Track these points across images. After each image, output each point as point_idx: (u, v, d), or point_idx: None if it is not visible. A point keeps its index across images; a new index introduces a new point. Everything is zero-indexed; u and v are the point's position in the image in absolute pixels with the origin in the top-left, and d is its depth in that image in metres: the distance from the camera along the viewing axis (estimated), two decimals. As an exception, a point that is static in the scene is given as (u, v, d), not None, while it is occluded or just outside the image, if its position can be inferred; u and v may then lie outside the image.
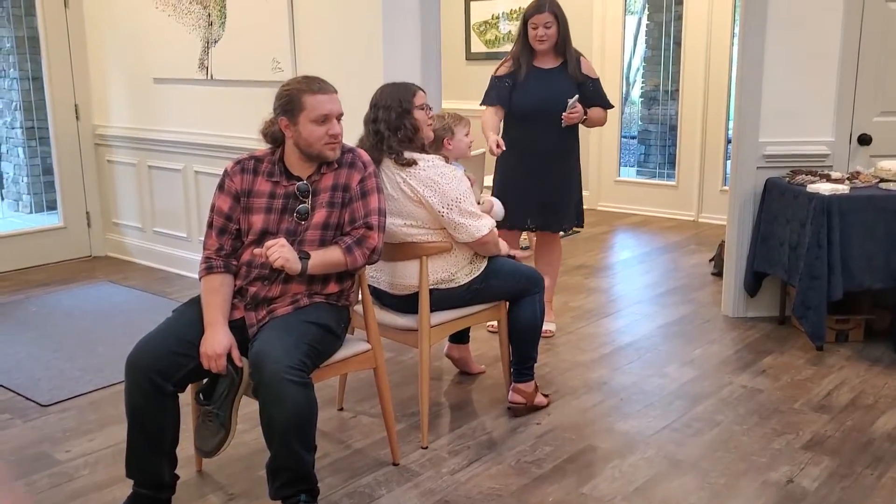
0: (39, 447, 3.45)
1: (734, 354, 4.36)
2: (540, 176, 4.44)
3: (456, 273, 3.40)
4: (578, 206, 4.69)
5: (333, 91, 2.93)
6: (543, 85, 4.37)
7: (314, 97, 2.87)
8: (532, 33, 4.32)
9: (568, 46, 4.38)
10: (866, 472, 3.15)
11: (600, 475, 3.15)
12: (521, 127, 4.42)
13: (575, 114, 4.30)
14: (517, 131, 4.44)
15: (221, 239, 2.93)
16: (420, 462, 3.27)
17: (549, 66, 4.41)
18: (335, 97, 2.93)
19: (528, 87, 4.38)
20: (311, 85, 2.90)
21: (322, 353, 2.85)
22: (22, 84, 6.82)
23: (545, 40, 4.31)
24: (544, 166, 4.43)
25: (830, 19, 4.57)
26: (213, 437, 2.75)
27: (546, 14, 4.27)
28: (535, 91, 4.36)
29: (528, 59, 4.39)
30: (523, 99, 4.38)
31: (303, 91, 2.89)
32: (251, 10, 5.11)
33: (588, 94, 4.42)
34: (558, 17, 4.30)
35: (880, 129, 4.74)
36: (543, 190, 4.46)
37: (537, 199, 4.48)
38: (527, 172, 4.44)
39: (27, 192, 7.39)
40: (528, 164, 4.43)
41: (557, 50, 4.39)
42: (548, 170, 4.44)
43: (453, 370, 4.18)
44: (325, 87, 2.92)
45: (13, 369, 4.28)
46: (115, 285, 5.82)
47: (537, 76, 4.39)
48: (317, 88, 2.89)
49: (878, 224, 4.22)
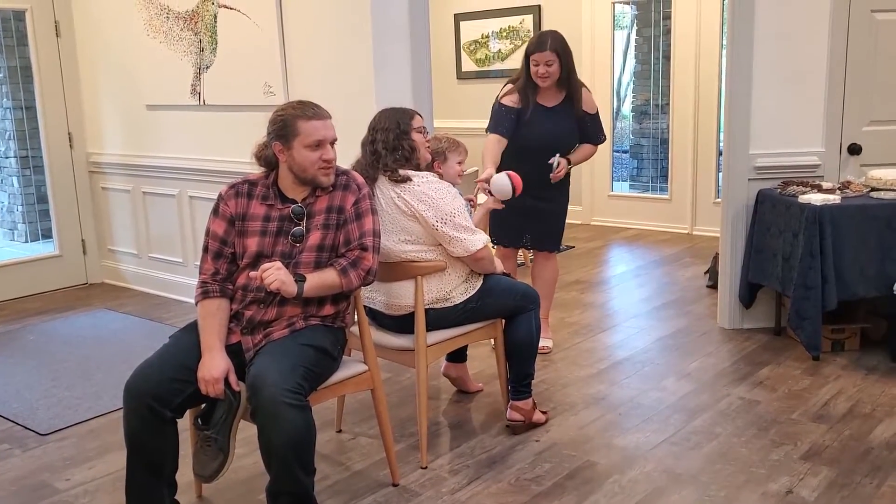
0: (39, 476, 3.44)
1: (731, 366, 4.37)
2: (535, 204, 4.41)
3: (451, 292, 3.41)
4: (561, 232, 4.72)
5: (327, 116, 2.95)
6: (546, 125, 4.33)
7: (309, 123, 2.89)
8: (534, 69, 4.25)
9: (572, 82, 4.31)
10: (865, 480, 3.16)
11: (600, 491, 3.15)
12: (519, 159, 4.31)
13: (560, 171, 4.32)
14: (515, 162, 4.31)
15: (217, 263, 2.94)
16: (420, 482, 3.27)
17: (552, 103, 4.36)
18: (329, 123, 2.94)
19: (531, 125, 4.32)
20: (306, 111, 2.91)
21: (319, 376, 2.85)
22: (15, 113, 6.84)
23: (547, 77, 4.24)
24: (540, 196, 4.40)
25: (817, 30, 4.61)
26: (212, 461, 2.75)
27: (547, 53, 4.19)
28: (538, 130, 4.32)
29: (532, 94, 4.32)
30: (526, 136, 4.32)
31: (297, 116, 2.90)
32: (242, 35, 5.14)
33: (585, 130, 4.42)
34: (560, 54, 4.21)
35: (870, 139, 4.77)
36: (538, 216, 4.47)
37: (531, 223, 4.50)
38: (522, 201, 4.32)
39: (22, 220, 7.39)
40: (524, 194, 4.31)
41: (561, 84, 4.32)
42: (543, 199, 4.42)
43: (451, 389, 4.18)
44: (320, 112, 2.93)
45: (11, 399, 4.28)
46: (112, 312, 5.82)
47: (541, 115, 4.34)
48: (311, 114, 2.91)
49: (870, 233, 4.25)
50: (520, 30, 8.40)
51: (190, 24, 5.43)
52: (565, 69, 4.26)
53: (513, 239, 4.62)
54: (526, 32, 8.35)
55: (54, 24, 6.22)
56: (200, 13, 5.35)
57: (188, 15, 5.43)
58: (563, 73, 4.26)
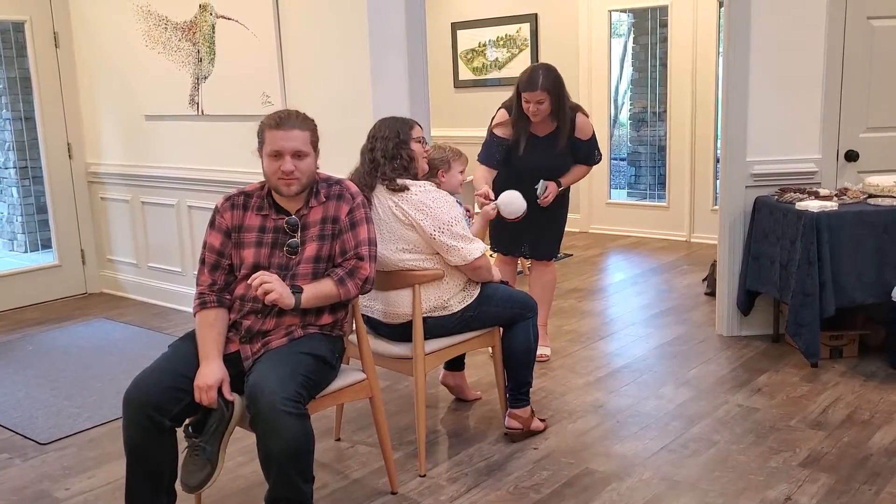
0: (39, 486, 3.44)
1: (729, 373, 4.38)
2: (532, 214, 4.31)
3: (449, 300, 3.42)
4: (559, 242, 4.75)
5: (295, 127, 2.88)
6: (539, 154, 4.37)
7: (271, 132, 2.88)
8: (525, 106, 4.26)
9: (563, 114, 4.31)
10: (864, 487, 3.16)
11: (598, 499, 3.15)
12: (514, 184, 4.24)
13: (549, 196, 4.34)
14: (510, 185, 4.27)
15: (214, 274, 2.95)
16: (418, 490, 3.27)
17: (545, 132, 4.38)
18: (293, 134, 2.87)
19: (525, 155, 4.37)
20: (273, 119, 2.90)
21: (317, 384, 2.86)
22: (15, 124, 6.85)
23: (538, 114, 4.26)
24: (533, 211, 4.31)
25: (813, 37, 4.63)
26: (199, 471, 2.72)
27: (538, 93, 4.19)
28: (532, 159, 4.36)
29: (525, 126, 4.35)
30: (519, 165, 4.37)
31: (266, 125, 2.91)
32: (240, 45, 5.16)
33: (578, 154, 4.45)
34: (551, 91, 4.21)
35: (867, 145, 4.78)
36: (536, 225, 4.46)
37: (529, 232, 4.49)
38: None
39: (22, 231, 7.39)
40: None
41: (553, 116, 4.33)
42: (540, 209, 4.40)
43: (449, 397, 4.18)
44: (286, 122, 2.88)
45: (11, 408, 4.28)
46: (111, 322, 5.82)
47: (533, 145, 4.38)
48: (274, 124, 2.88)
49: (867, 239, 4.25)
50: (517, 38, 8.42)
51: (188, 34, 5.45)
52: (556, 104, 4.27)
53: (511, 247, 4.63)
54: (523, 41, 8.37)
55: (53, 35, 6.24)
56: (198, 24, 5.37)
57: (186, 25, 5.45)
58: (553, 108, 4.28)
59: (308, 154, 2.91)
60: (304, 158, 2.90)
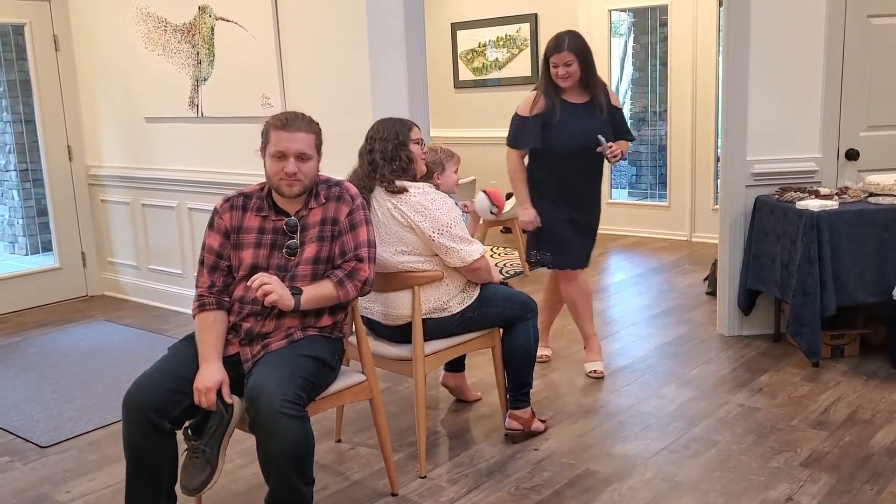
0: (40, 489, 3.44)
1: (731, 373, 4.37)
2: (580, 214, 4.30)
3: (448, 302, 3.42)
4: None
5: (301, 129, 2.89)
6: (578, 122, 4.16)
7: (277, 133, 2.89)
8: (553, 71, 4.15)
9: (592, 80, 4.18)
10: (865, 487, 3.15)
11: (599, 499, 3.15)
12: (552, 166, 4.22)
13: (616, 149, 4.13)
14: (547, 171, 4.25)
15: (213, 276, 2.94)
16: (419, 492, 3.27)
17: (580, 100, 4.21)
18: (299, 136, 2.88)
19: (563, 125, 4.15)
20: (279, 120, 2.91)
21: (317, 386, 2.86)
22: (15, 127, 6.86)
23: (567, 78, 4.13)
24: (576, 205, 4.28)
25: (813, 36, 4.62)
26: (199, 474, 2.72)
27: (565, 53, 4.08)
28: (571, 129, 4.15)
29: (557, 95, 4.18)
30: (559, 138, 4.15)
31: (271, 125, 2.92)
32: (239, 47, 5.16)
33: (617, 125, 4.27)
34: (578, 53, 4.09)
35: (867, 144, 4.78)
36: (584, 228, 4.35)
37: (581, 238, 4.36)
38: (562, 213, 4.27)
39: (23, 234, 7.40)
40: (562, 206, 4.26)
41: (582, 84, 4.19)
42: (580, 209, 4.29)
43: (450, 398, 4.18)
44: (292, 123, 2.89)
45: (12, 411, 4.28)
46: (112, 324, 5.82)
47: (571, 112, 4.17)
48: (280, 124, 2.89)
49: (868, 238, 4.25)
50: (517, 38, 8.42)
51: (187, 36, 5.45)
52: (585, 69, 4.15)
53: (579, 259, 4.39)
54: (523, 41, 8.37)
55: (53, 38, 6.24)
56: (198, 26, 5.37)
57: (186, 27, 5.45)
58: (583, 72, 4.15)
59: (312, 157, 2.92)
60: (308, 161, 2.90)
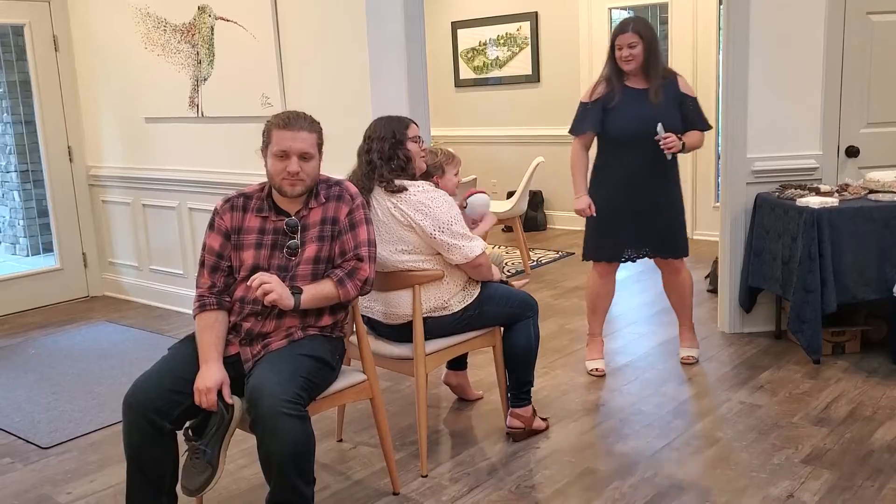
0: (41, 490, 3.45)
1: (732, 371, 4.37)
2: (640, 204, 4.26)
3: (449, 300, 3.42)
4: (685, 230, 4.45)
5: (303, 129, 2.90)
6: (638, 107, 4.16)
7: (279, 132, 2.89)
8: (618, 54, 4.14)
9: (654, 65, 4.16)
10: (867, 484, 3.15)
11: (601, 497, 3.15)
12: (615, 153, 4.25)
13: (670, 141, 4.07)
14: (611, 157, 4.27)
15: (214, 277, 2.94)
16: (420, 491, 3.27)
17: (642, 86, 4.20)
18: (301, 135, 2.89)
19: (622, 109, 4.18)
20: (282, 119, 2.91)
21: (318, 386, 2.86)
22: (15, 128, 6.87)
23: (630, 60, 4.13)
24: (644, 193, 4.24)
25: (813, 33, 4.62)
26: (200, 475, 2.72)
27: (629, 34, 4.09)
28: (631, 113, 4.17)
29: (620, 80, 4.20)
30: (618, 123, 4.18)
31: (273, 125, 2.92)
32: (239, 47, 5.16)
33: (688, 114, 4.23)
34: (643, 36, 4.10)
35: (867, 141, 4.77)
36: (648, 217, 4.29)
37: (641, 228, 4.31)
38: (625, 202, 4.26)
39: (23, 234, 7.41)
40: (626, 194, 4.24)
41: (648, 68, 4.17)
42: (649, 196, 4.25)
43: (451, 397, 4.18)
44: (294, 123, 2.89)
45: (13, 412, 4.28)
46: (113, 324, 5.83)
47: (631, 97, 4.18)
48: (283, 124, 2.89)
49: (869, 235, 4.24)
50: (517, 37, 8.42)
51: (187, 36, 5.45)
52: (649, 53, 4.14)
53: (617, 249, 4.40)
54: (523, 39, 8.37)
55: (53, 38, 6.24)
56: (197, 25, 5.37)
57: (185, 27, 5.45)
58: (647, 56, 4.14)
59: (314, 157, 2.92)
60: (310, 160, 2.90)
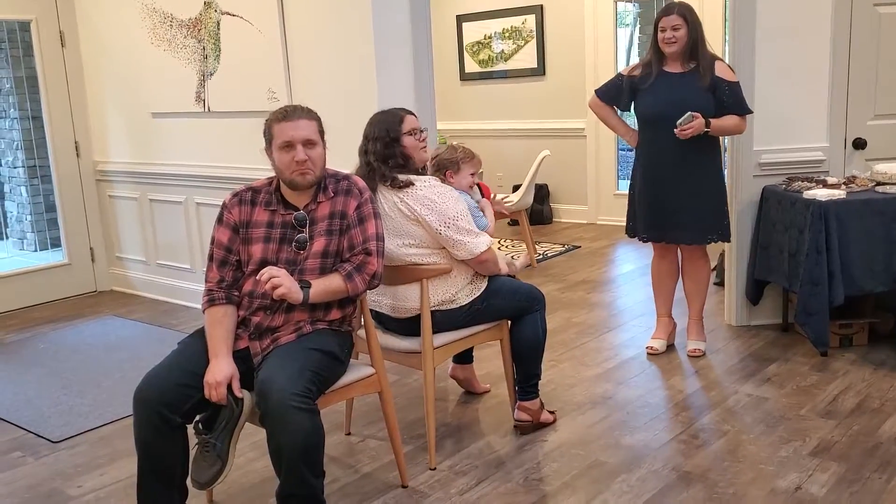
0: (51, 484, 3.47)
1: (739, 363, 4.37)
2: (666, 187, 4.31)
3: (457, 294, 3.42)
4: (720, 216, 4.41)
5: (302, 118, 2.91)
6: (670, 90, 4.22)
7: (279, 125, 2.90)
8: (660, 36, 4.19)
9: (700, 49, 4.20)
10: (875, 476, 3.16)
11: (609, 490, 3.15)
12: (646, 134, 4.35)
13: (688, 129, 4.08)
14: (644, 139, 4.37)
15: (222, 271, 2.96)
16: (429, 483, 3.28)
17: (679, 70, 4.25)
18: (301, 123, 2.90)
19: (654, 91, 4.25)
20: (279, 113, 2.93)
21: (327, 379, 2.87)
22: (22, 123, 6.87)
23: (673, 42, 4.17)
24: (671, 176, 4.29)
25: (819, 25, 4.61)
26: (210, 468, 2.74)
27: (674, 17, 4.15)
28: (661, 96, 4.22)
29: (658, 63, 4.26)
30: (647, 104, 4.29)
31: (272, 120, 2.93)
32: (245, 41, 5.17)
33: (724, 98, 4.20)
34: (687, 19, 4.16)
35: (875, 133, 4.77)
36: (672, 201, 4.33)
37: (667, 211, 4.36)
38: (653, 182, 4.35)
39: (31, 230, 7.42)
40: (654, 175, 4.33)
41: (689, 53, 4.22)
42: (676, 179, 4.29)
43: (458, 390, 4.19)
44: (293, 114, 2.91)
45: (23, 407, 4.30)
46: (121, 319, 5.85)
47: (665, 80, 4.25)
48: (282, 116, 2.91)
49: (876, 227, 4.23)
50: (522, 30, 8.41)
51: (193, 31, 5.46)
52: (692, 37, 4.18)
53: (656, 232, 4.47)
54: (529, 32, 8.36)
55: (59, 34, 6.26)
56: (203, 20, 5.38)
57: (191, 22, 5.46)
58: (690, 40, 4.18)
59: (318, 143, 2.93)
60: (315, 147, 2.92)
